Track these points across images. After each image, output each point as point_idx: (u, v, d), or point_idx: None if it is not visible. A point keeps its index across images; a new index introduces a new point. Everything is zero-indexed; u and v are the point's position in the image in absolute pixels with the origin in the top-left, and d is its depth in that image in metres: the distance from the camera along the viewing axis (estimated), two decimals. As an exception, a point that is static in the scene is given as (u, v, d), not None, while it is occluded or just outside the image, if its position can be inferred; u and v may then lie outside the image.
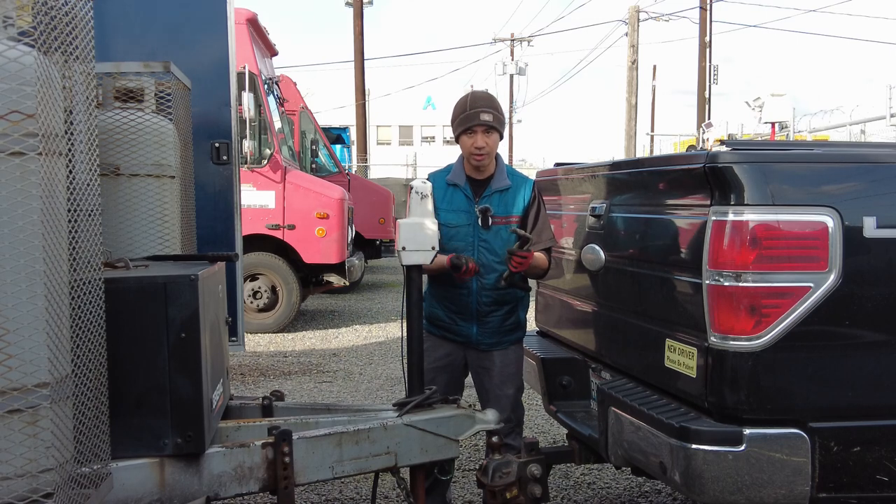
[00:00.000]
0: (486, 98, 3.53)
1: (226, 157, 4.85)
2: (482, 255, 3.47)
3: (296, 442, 2.75)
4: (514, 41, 38.10)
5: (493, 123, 3.46)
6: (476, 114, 3.44)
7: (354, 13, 22.83)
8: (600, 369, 3.40)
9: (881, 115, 18.68)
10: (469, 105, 3.48)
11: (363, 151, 24.29)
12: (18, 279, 1.89)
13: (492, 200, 3.50)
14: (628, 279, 3.08)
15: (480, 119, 3.43)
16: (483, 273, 3.47)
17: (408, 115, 47.56)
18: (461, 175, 3.57)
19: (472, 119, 3.45)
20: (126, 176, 3.18)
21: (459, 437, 3.06)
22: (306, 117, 12.31)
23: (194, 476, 2.60)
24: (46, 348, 1.95)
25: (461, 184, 3.54)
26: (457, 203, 3.52)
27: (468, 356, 3.62)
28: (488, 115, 3.44)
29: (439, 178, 3.60)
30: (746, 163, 2.41)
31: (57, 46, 2.10)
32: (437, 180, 3.55)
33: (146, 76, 3.37)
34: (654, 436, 2.55)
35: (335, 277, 9.44)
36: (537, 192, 3.58)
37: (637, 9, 26.63)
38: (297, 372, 7.07)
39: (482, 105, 3.46)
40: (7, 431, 1.90)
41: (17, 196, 1.89)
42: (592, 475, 4.37)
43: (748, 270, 2.35)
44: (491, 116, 3.45)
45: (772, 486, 2.34)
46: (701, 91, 28.33)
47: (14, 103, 1.88)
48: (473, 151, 3.47)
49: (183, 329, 2.52)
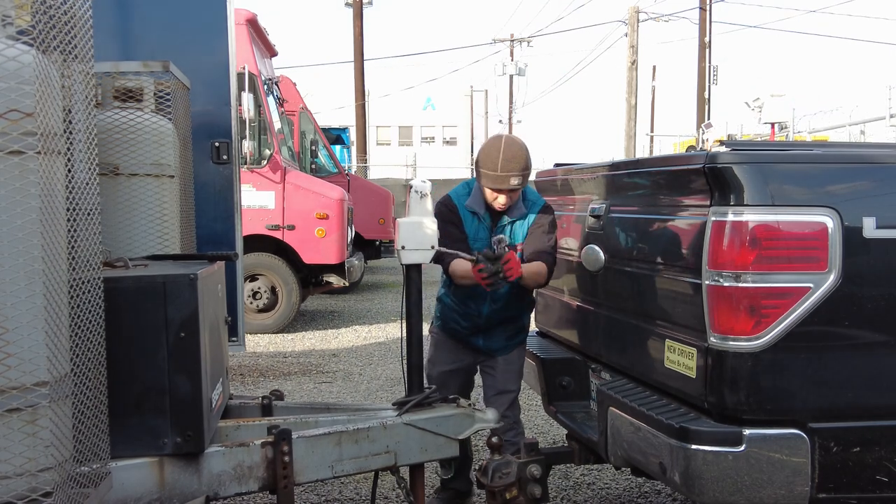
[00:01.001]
0: (518, 160, 3.39)
1: (226, 156, 4.84)
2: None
3: (295, 441, 2.75)
4: (513, 42, 38.09)
5: (521, 185, 3.45)
6: (506, 178, 3.39)
7: (354, 14, 22.84)
8: (600, 370, 3.40)
9: (881, 115, 18.71)
10: (501, 167, 3.37)
11: (363, 152, 24.30)
12: (17, 278, 1.89)
13: (506, 230, 3.57)
14: (628, 280, 3.08)
15: (509, 184, 3.40)
16: (495, 298, 3.58)
17: (407, 115, 47.49)
18: (481, 204, 3.57)
19: (501, 182, 3.40)
20: (125, 175, 3.18)
21: (459, 436, 3.06)
22: (306, 118, 12.30)
23: (194, 475, 2.60)
24: (45, 347, 1.95)
25: (481, 213, 3.58)
26: (480, 233, 3.58)
27: (476, 359, 3.79)
28: (517, 179, 3.40)
29: (461, 200, 3.61)
30: (746, 163, 2.41)
31: (56, 45, 2.10)
32: (459, 203, 3.59)
33: (145, 75, 3.36)
34: (654, 436, 2.55)
35: (335, 278, 9.43)
36: (542, 212, 3.60)
37: (637, 9, 26.65)
38: (297, 372, 7.07)
39: (514, 170, 3.38)
40: (6, 430, 1.90)
41: (15, 195, 1.89)
42: (592, 476, 4.37)
43: (748, 271, 2.35)
44: (519, 180, 3.41)
45: (771, 487, 2.34)
46: (700, 91, 28.32)
47: (13, 102, 1.88)
48: (496, 204, 3.51)
49: (182, 328, 2.52)
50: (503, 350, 3.71)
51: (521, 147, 3.45)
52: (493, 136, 3.62)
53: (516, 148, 3.43)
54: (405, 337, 3.20)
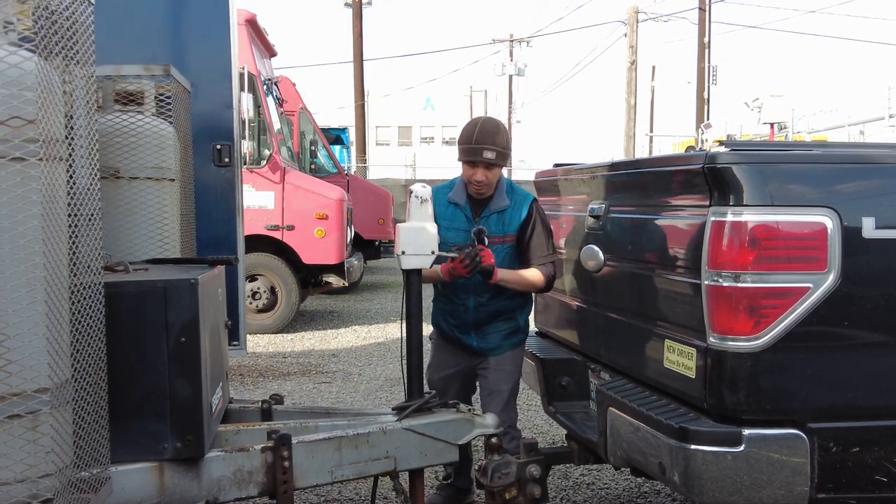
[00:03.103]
0: (492, 133, 3.47)
1: (227, 158, 4.83)
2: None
3: (295, 446, 2.75)
4: (513, 42, 38.10)
5: (496, 161, 3.46)
6: (479, 150, 3.43)
7: (353, 14, 22.84)
8: (599, 370, 3.41)
9: (880, 115, 18.71)
10: (475, 139, 3.44)
11: (362, 152, 24.30)
12: (19, 285, 1.89)
13: (489, 221, 3.57)
14: (627, 280, 3.08)
15: (483, 156, 3.43)
16: (479, 291, 3.57)
17: (407, 115, 47.48)
18: (462, 194, 3.61)
19: (475, 154, 3.44)
20: (126, 179, 3.18)
21: (459, 441, 3.07)
22: (305, 118, 12.30)
23: (193, 480, 2.60)
24: (46, 354, 1.95)
25: (462, 203, 3.60)
26: (457, 222, 3.59)
27: (472, 362, 3.76)
28: (491, 153, 3.43)
29: (441, 194, 3.63)
30: (745, 163, 2.41)
31: (58, 51, 2.10)
32: (438, 196, 3.57)
33: (146, 79, 3.37)
34: (654, 436, 2.55)
35: (334, 278, 9.43)
36: (535, 210, 3.61)
37: (636, 10, 26.65)
38: (297, 373, 7.07)
39: (487, 142, 3.43)
40: (7, 437, 1.90)
41: (17, 202, 1.89)
42: (591, 476, 4.38)
43: (747, 271, 2.36)
44: (494, 154, 3.44)
45: (771, 487, 2.34)
46: (700, 92, 28.32)
47: (15, 109, 1.88)
48: (473, 182, 3.52)
49: (183, 333, 2.52)
50: (497, 350, 3.69)
51: (499, 125, 3.55)
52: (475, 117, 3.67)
53: (492, 124, 3.53)
54: (405, 341, 3.20)
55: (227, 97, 4.84)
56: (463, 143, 3.50)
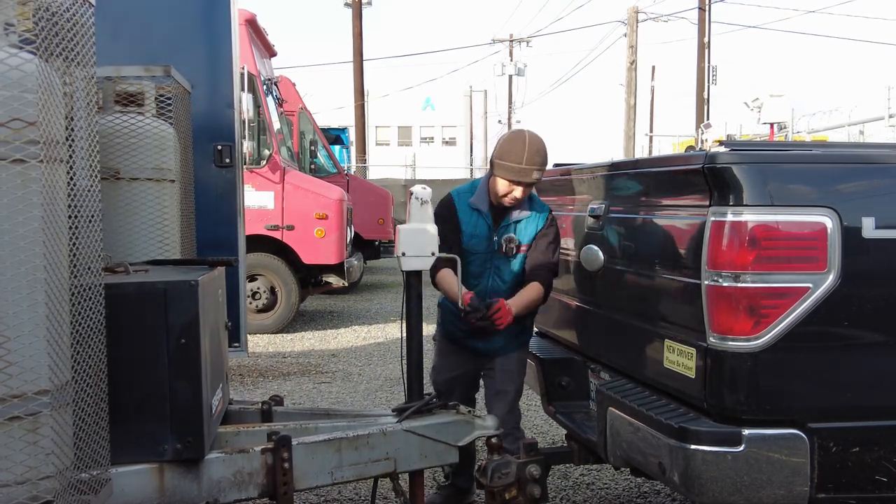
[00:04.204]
0: (542, 154, 3.43)
1: (228, 159, 4.82)
2: (493, 280, 3.59)
3: (295, 448, 2.75)
4: (512, 42, 38.08)
5: (539, 181, 3.47)
6: (529, 171, 3.39)
7: (353, 14, 22.84)
8: (599, 370, 3.41)
9: (880, 115, 18.69)
10: (526, 159, 3.38)
11: (362, 152, 24.29)
12: (19, 286, 1.89)
13: (509, 230, 3.57)
14: (627, 280, 3.08)
15: (531, 178, 3.41)
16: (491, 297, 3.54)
17: (407, 115, 47.44)
18: (485, 201, 3.58)
19: (524, 175, 3.39)
20: (126, 180, 3.18)
21: (459, 442, 3.07)
22: (305, 118, 12.31)
23: (193, 482, 2.60)
24: (47, 355, 1.95)
25: (484, 210, 3.58)
26: (479, 229, 3.58)
27: (478, 363, 3.77)
28: (539, 173, 3.42)
29: (463, 198, 3.62)
30: (745, 163, 2.41)
31: (59, 52, 2.10)
32: (461, 201, 3.58)
33: (146, 80, 3.36)
34: (653, 436, 2.55)
35: (334, 278, 9.43)
36: (551, 222, 3.61)
37: (636, 9, 26.63)
38: (296, 372, 7.08)
39: (537, 163, 3.39)
40: (7, 439, 1.90)
41: (18, 204, 1.89)
42: (591, 476, 4.38)
43: (747, 271, 2.36)
44: (540, 175, 3.43)
45: (771, 487, 2.34)
46: (700, 92, 28.31)
47: (15, 111, 1.88)
48: (508, 198, 3.49)
49: (183, 334, 2.52)
50: (502, 351, 3.69)
51: (543, 143, 3.50)
52: (514, 131, 3.60)
53: (540, 143, 3.47)
54: (405, 343, 3.21)
55: (227, 97, 4.84)
56: (510, 161, 3.40)
